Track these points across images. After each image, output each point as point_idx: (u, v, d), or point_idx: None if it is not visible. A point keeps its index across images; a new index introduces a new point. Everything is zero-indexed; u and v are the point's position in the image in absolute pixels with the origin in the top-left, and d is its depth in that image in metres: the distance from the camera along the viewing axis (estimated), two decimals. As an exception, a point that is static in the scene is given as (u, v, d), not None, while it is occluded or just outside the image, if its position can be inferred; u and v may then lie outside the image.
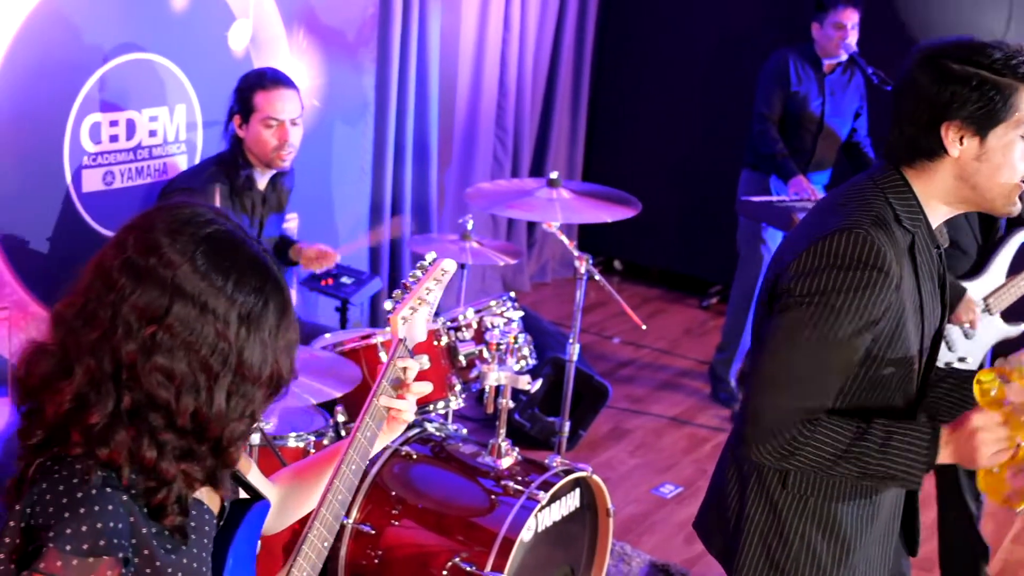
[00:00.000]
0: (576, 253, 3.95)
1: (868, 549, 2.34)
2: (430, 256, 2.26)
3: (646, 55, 7.63)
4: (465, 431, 4.05)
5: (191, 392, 1.67)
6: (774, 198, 5.47)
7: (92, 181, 4.04)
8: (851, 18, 5.55)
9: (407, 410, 2.08)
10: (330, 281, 4.74)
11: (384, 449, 3.75)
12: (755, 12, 7.03)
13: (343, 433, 3.84)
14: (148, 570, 1.68)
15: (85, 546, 1.59)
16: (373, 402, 2.06)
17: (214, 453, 1.73)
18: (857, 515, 2.31)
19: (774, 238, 5.80)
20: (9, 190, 3.79)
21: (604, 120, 7.86)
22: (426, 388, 2.11)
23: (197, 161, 4.37)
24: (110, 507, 1.62)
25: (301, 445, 3.62)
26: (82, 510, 1.60)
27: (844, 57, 5.63)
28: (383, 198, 5.80)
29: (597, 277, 3.99)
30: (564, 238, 3.94)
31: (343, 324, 4.72)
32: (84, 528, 1.60)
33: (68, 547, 1.59)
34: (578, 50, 7.49)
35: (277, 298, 1.73)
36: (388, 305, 2.18)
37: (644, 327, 4.15)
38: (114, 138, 4.09)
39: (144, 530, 1.67)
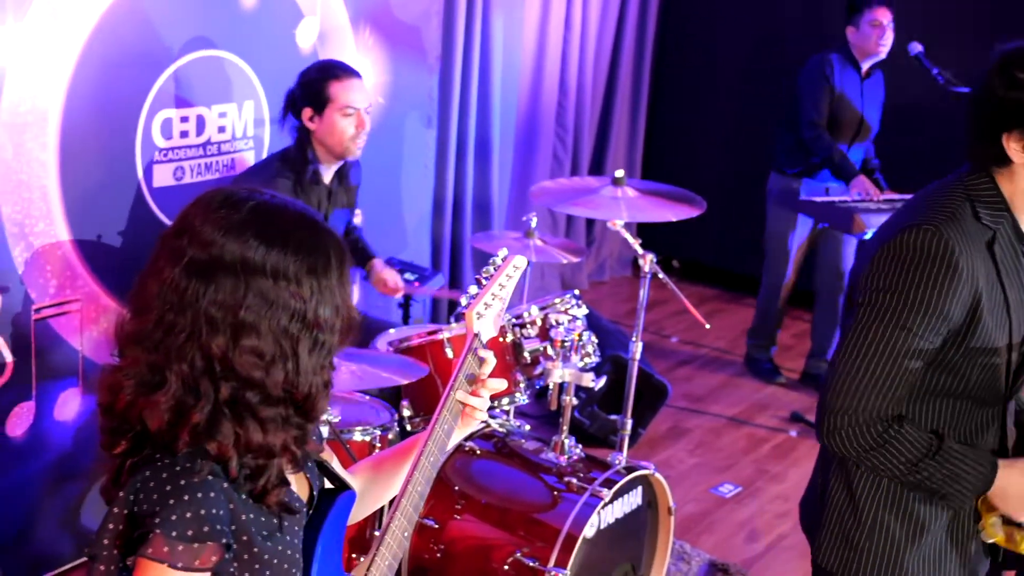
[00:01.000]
0: (640, 251, 3.95)
1: (938, 534, 2.35)
2: (502, 253, 2.28)
3: (706, 54, 7.61)
4: (528, 427, 4.07)
5: (280, 362, 1.72)
6: (836, 199, 5.46)
7: (163, 176, 4.10)
8: (886, 15, 5.59)
9: (481, 407, 2.11)
10: (393, 277, 4.78)
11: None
12: (816, 16, 6.98)
13: (408, 428, 3.87)
14: (246, 556, 1.73)
15: (190, 532, 1.64)
16: (450, 396, 2.09)
17: (302, 412, 1.79)
18: (928, 499, 2.33)
19: (804, 225, 5.93)
20: (83, 184, 3.84)
21: (663, 118, 7.85)
22: (500, 384, 2.14)
23: (264, 157, 4.42)
24: (212, 494, 1.67)
25: (367, 439, 3.66)
26: (186, 497, 1.65)
27: (884, 55, 5.64)
28: (445, 195, 5.84)
29: (661, 276, 3.99)
30: (629, 236, 3.94)
31: (405, 319, 4.75)
32: (189, 514, 1.64)
33: (174, 533, 1.63)
34: (638, 49, 7.49)
35: (333, 245, 1.79)
36: (463, 301, 2.21)
37: (708, 326, 4.14)
38: (184, 134, 4.15)
39: (243, 517, 1.72)
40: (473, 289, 2.21)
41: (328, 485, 2.00)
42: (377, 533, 2.16)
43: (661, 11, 7.58)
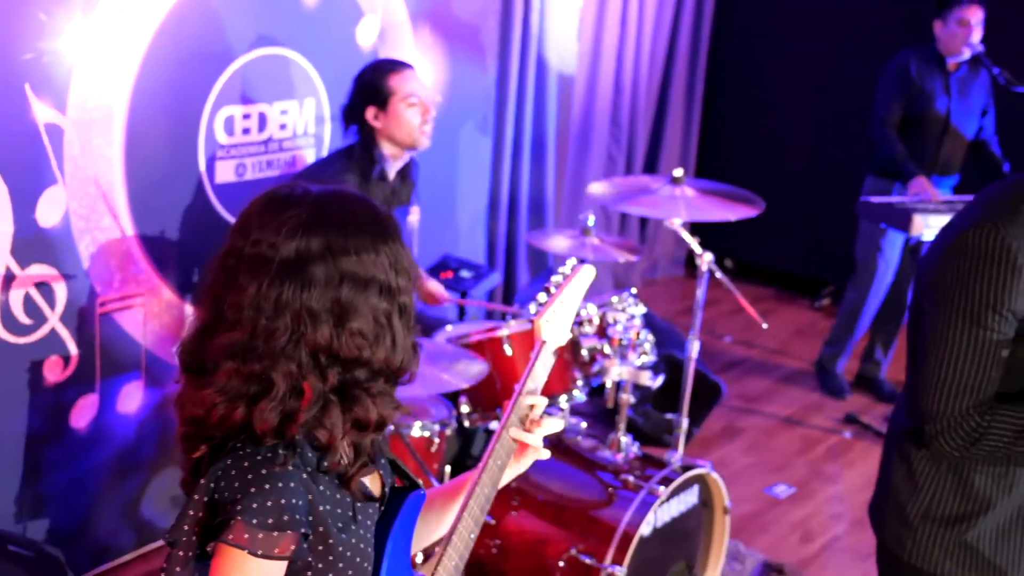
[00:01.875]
0: (698, 250, 3.95)
1: (1006, 511, 2.35)
2: (571, 262, 2.31)
3: (761, 54, 7.59)
4: (584, 425, 4.08)
5: (381, 337, 1.78)
6: (894, 199, 5.42)
7: (225, 172, 4.15)
8: (975, 15, 5.45)
9: (536, 443, 2.10)
10: (449, 274, 4.81)
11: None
12: (874, 12, 6.95)
13: (466, 424, 3.90)
14: (321, 547, 1.76)
15: (270, 520, 1.67)
16: (520, 398, 2.09)
17: (393, 380, 1.84)
18: (993, 481, 2.34)
19: (892, 246, 5.76)
20: (147, 180, 3.90)
21: (718, 118, 7.84)
22: (557, 425, 2.13)
23: (324, 154, 4.46)
24: (292, 484, 1.70)
25: (426, 435, 3.69)
26: (267, 486, 1.68)
27: (968, 55, 5.54)
28: (500, 193, 5.86)
29: (718, 275, 3.99)
30: (687, 235, 3.95)
31: (461, 316, 4.78)
32: (269, 503, 1.67)
33: (254, 520, 1.66)
34: (693, 47, 7.48)
35: (385, 215, 1.83)
36: (532, 308, 2.22)
37: (765, 326, 4.14)
38: (246, 130, 4.19)
39: (321, 508, 1.75)
40: (542, 297, 2.23)
41: (398, 484, 2.02)
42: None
43: (717, 9, 7.56)
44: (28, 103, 3.49)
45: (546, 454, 2.11)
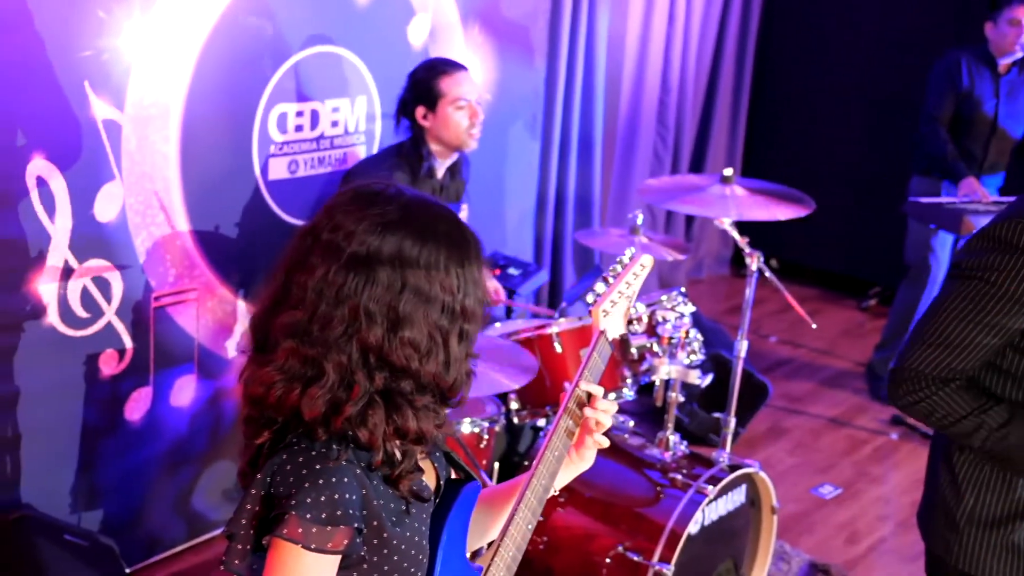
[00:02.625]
0: (747, 249, 3.95)
1: None
2: (629, 252, 2.32)
3: (809, 53, 7.57)
4: (632, 423, 4.09)
5: (434, 353, 1.78)
6: (944, 199, 5.39)
7: (278, 169, 4.19)
8: None
9: (605, 422, 2.08)
10: (497, 271, 4.83)
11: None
12: (923, 12, 6.92)
13: (515, 420, 3.92)
14: (376, 540, 1.78)
15: (324, 515, 1.69)
16: (577, 387, 2.11)
17: (443, 400, 1.85)
18: None
19: (943, 246, 5.73)
20: (202, 176, 3.94)
21: (764, 118, 7.82)
22: (612, 407, 2.13)
23: (374, 152, 4.49)
24: (346, 479, 1.72)
25: (476, 431, 3.71)
26: (321, 481, 1.70)
27: (1020, 55, 5.51)
28: (548, 191, 5.88)
29: (768, 275, 3.99)
30: (736, 235, 3.95)
31: (508, 314, 4.80)
32: (323, 498, 1.69)
33: (308, 515, 1.69)
34: (740, 46, 7.46)
35: (472, 236, 1.84)
36: (590, 298, 2.24)
37: (815, 326, 4.13)
38: (299, 128, 4.23)
39: (375, 502, 1.77)
40: (600, 287, 2.24)
41: (453, 476, 2.04)
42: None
43: (764, 8, 7.54)
44: (87, 100, 3.55)
45: (605, 442, 2.10)
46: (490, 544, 2.07)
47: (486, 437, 3.74)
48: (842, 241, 7.50)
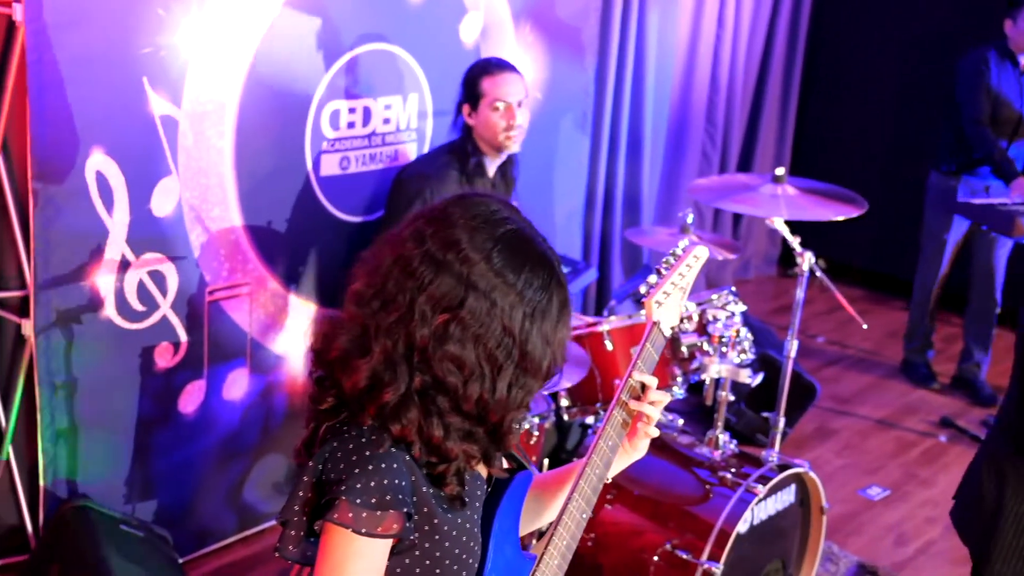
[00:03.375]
0: (798, 249, 3.94)
1: None
2: (683, 243, 2.32)
3: (859, 52, 7.53)
4: (681, 421, 4.09)
5: (478, 380, 1.78)
6: (995, 200, 5.37)
7: (330, 165, 4.22)
8: None
9: (654, 415, 2.10)
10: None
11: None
12: (974, 10, 6.86)
13: (565, 417, 3.93)
14: (427, 527, 1.81)
15: (373, 500, 1.72)
16: (629, 382, 2.12)
17: (491, 437, 1.86)
18: None
19: (957, 236, 5.89)
20: (256, 172, 3.98)
21: (813, 117, 7.79)
22: (664, 397, 2.14)
23: (426, 149, 4.52)
24: (395, 465, 1.75)
25: (525, 427, 3.73)
26: (371, 467, 1.74)
27: None
28: (596, 190, 5.89)
29: (818, 274, 3.98)
30: (787, 234, 3.94)
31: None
32: (373, 483, 1.73)
33: (358, 500, 1.72)
34: (790, 46, 7.44)
35: (560, 294, 1.84)
36: (643, 289, 2.25)
37: (865, 326, 4.13)
38: (351, 124, 4.26)
39: (424, 489, 1.80)
40: (652, 278, 2.25)
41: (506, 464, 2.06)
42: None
43: (814, 8, 7.51)
44: (146, 96, 3.59)
45: (655, 432, 2.12)
46: (542, 533, 2.08)
47: (536, 433, 3.75)
48: (889, 241, 7.45)
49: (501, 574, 1.94)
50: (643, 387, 2.09)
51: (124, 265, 3.67)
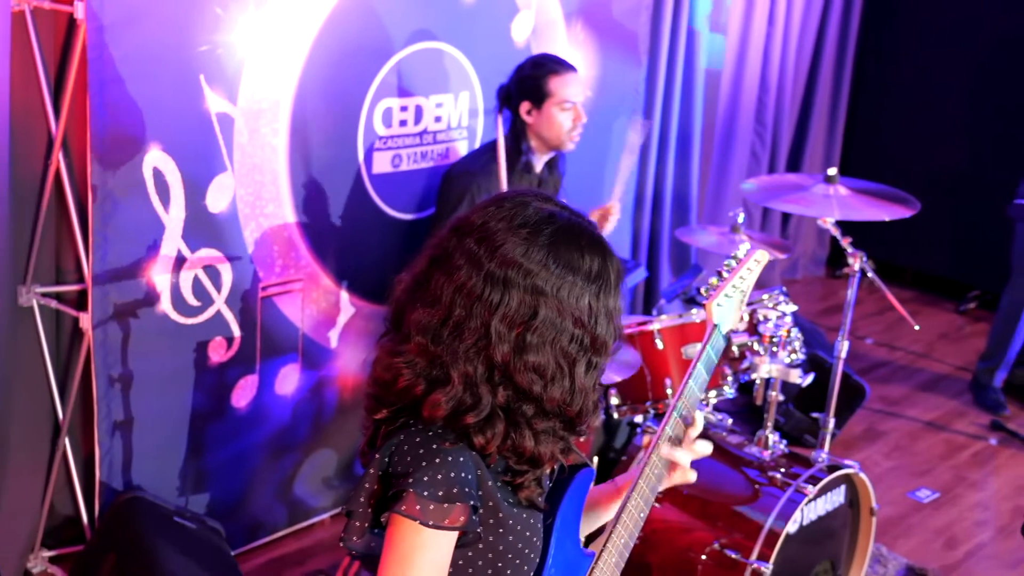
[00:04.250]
0: (850, 250, 3.93)
1: None
2: (743, 247, 2.33)
3: (910, 53, 7.48)
4: (730, 421, 4.09)
5: (558, 380, 1.81)
6: None
7: (381, 163, 4.25)
8: None
9: (685, 462, 2.13)
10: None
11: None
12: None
13: (615, 416, 3.94)
14: (492, 520, 1.83)
15: (440, 492, 1.74)
16: (688, 382, 2.13)
17: (570, 427, 1.88)
18: None
19: None
20: (309, 169, 4.02)
21: (863, 117, 7.75)
22: (707, 449, 2.16)
23: (476, 147, 4.54)
24: (462, 459, 1.78)
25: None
26: (437, 460, 1.76)
27: None
28: (646, 189, 5.89)
29: (870, 274, 3.97)
30: (839, 235, 3.93)
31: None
32: (440, 476, 1.75)
33: (425, 492, 1.74)
34: (841, 46, 7.40)
35: (614, 264, 1.87)
36: (704, 292, 2.26)
37: (917, 327, 4.11)
38: (403, 122, 4.29)
39: (489, 483, 1.83)
40: (714, 280, 2.26)
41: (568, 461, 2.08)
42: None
43: (866, 7, 7.47)
44: (202, 93, 3.63)
45: (693, 476, 2.16)
46: (600, 530, 2.10)
47: (586, 431, 3.76)
48: (940, 243, 7.40)
49: (561, 569, 1.96)
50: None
51: (180, 260, 3.71)
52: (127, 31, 3.40)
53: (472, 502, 1.77)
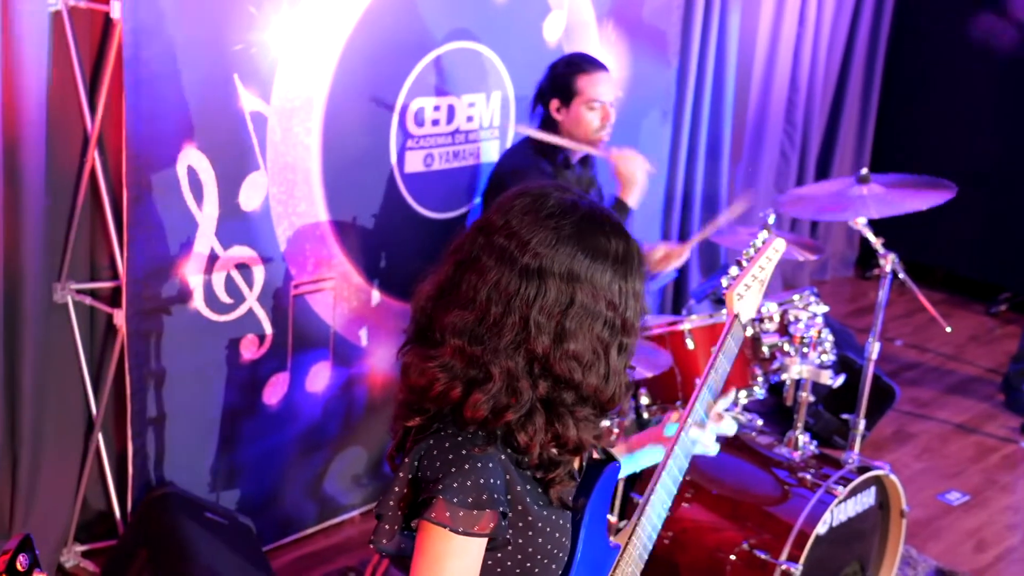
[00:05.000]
0: (881, 251, 3.91)
1: None
2: (762, 236, 2.34)
3: (941, 53, 7.44)
4: (760, 422, 4.09)
5: (595, 366, 1.83)
6: None
7: (414, 162, 4.27)
8: None
9: (709, 443, 2.15)
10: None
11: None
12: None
13: (645, 415, 3.94)
14: (520, 523, 1.84)
15: (470, 499, 1.75)
16: (713, 371, 2.14)
17: (601, 412, 1.90)
18: None
19: None
20: (342, 168, 4.03)
21: (893, 118, 7.71)
22: (731, 429, 2.18)
23: (507, 147, 4.54)
24: (491, 465, 1.79)
25: (606, 424, 3.74)
26: (467, 466, 1.77)
27: None
28: (675, 189, 5.89)
29: (901, 275, 3.95)
30: (871, 236, 3.91)
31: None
32: (469, 483, 1.76)
33: (455, 499, 1.75)
34: (871, 47, 7.37)
35: (637, 251, 1.89)
36: (724, 282, 2.27)
37: (949, 329, 4.09)
38: (435, 122, 4.30)
39: (518, 487, 1.83)
40: (733, 270, 2.26)
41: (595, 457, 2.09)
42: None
43: (896, 8, 7.44)
44: (236, 92, 3.66)
45: (716, 448, 2.17)
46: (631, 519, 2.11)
47: (616, 431, 3.77)
48: (971, 244, 7.37)
49: (588, 564, 1.98)
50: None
51: (213, 258, 3.74)
52: (162, 30, 3.43)
53: (501, 508, 1.78)
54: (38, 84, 3.43)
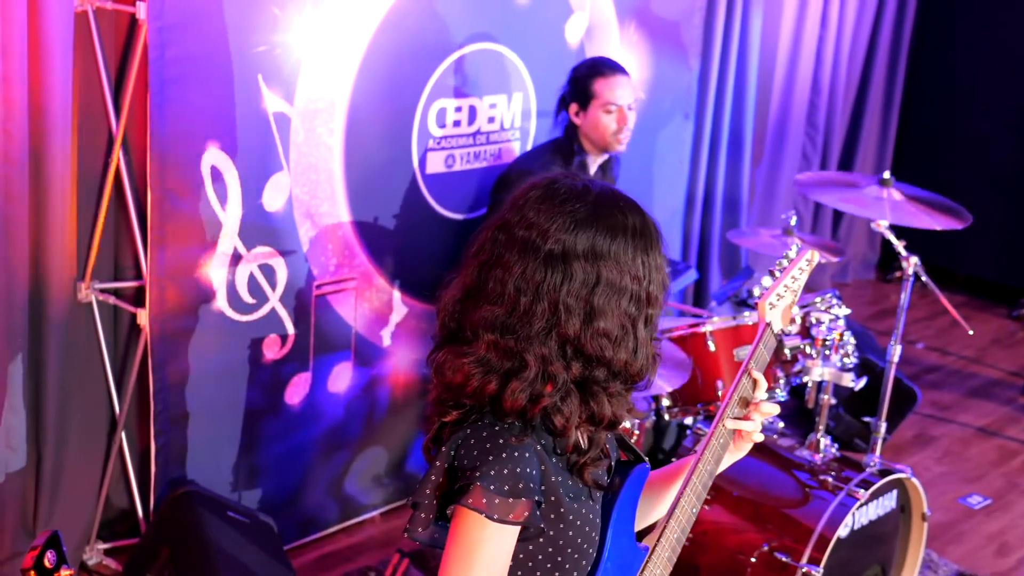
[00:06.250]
0: (904, 253, 3.91)
1: None
2: (795, 247, 2.34)
3: (963, 56, 7.42)
4: (782, 424, 4.08)
5: (624, 341, 1.85)
6: None
7: (435, 163, 4.28)
8: None
9: (754, 429, 2.16)
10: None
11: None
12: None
13: (666, 417, 3.94)
14: (553, 515, 1.86)
15: (506, 487, 1.78)
16: (742, 381, 2.14)
17: (628, 383, 1.91)
18: None
19: None
20: (364, 169, 4.05)
21: (916, 120, 7.69)
22: (774, 409, 2.18)
23: (529, 148, 4.55)
24: (527, 455, 1.81)
25: (627, 426, 3.74)
26: (504, 455, 1.79)
27: None
28: (697, 190, 5.89)
29: (924, 278, 3.94)
30: (893, 238, 3.90)
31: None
32: (506, 471, 1.78)
33: (492, 486, 1.77)
34: (894, 49, 7.36)
35: (653, 223, 1.91)
36: (756, 291, 2.27)
37: (971, 332, 4.08)
38: (457, 123, 4.32)
39: (553, 478, 1.86)
40: (767, 280, 2.27)
41: (623, 457, 2.10)
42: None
43: (920, 9, 7.42)
44: (260, 93, 3.67)
45: (760, 437, 2.16)
46: (652, 525, 2.12)
47: (636, 432, 3.77)
48: (993, 247, 7.34)
49: (616, 563, 1.99)
50: (753, 384, 2.13)
51: (236, 258, 3.75)
52: (187, 31, 3.45)
53: (536, 497, 1.80)
54: (63, 85, 3.45)
